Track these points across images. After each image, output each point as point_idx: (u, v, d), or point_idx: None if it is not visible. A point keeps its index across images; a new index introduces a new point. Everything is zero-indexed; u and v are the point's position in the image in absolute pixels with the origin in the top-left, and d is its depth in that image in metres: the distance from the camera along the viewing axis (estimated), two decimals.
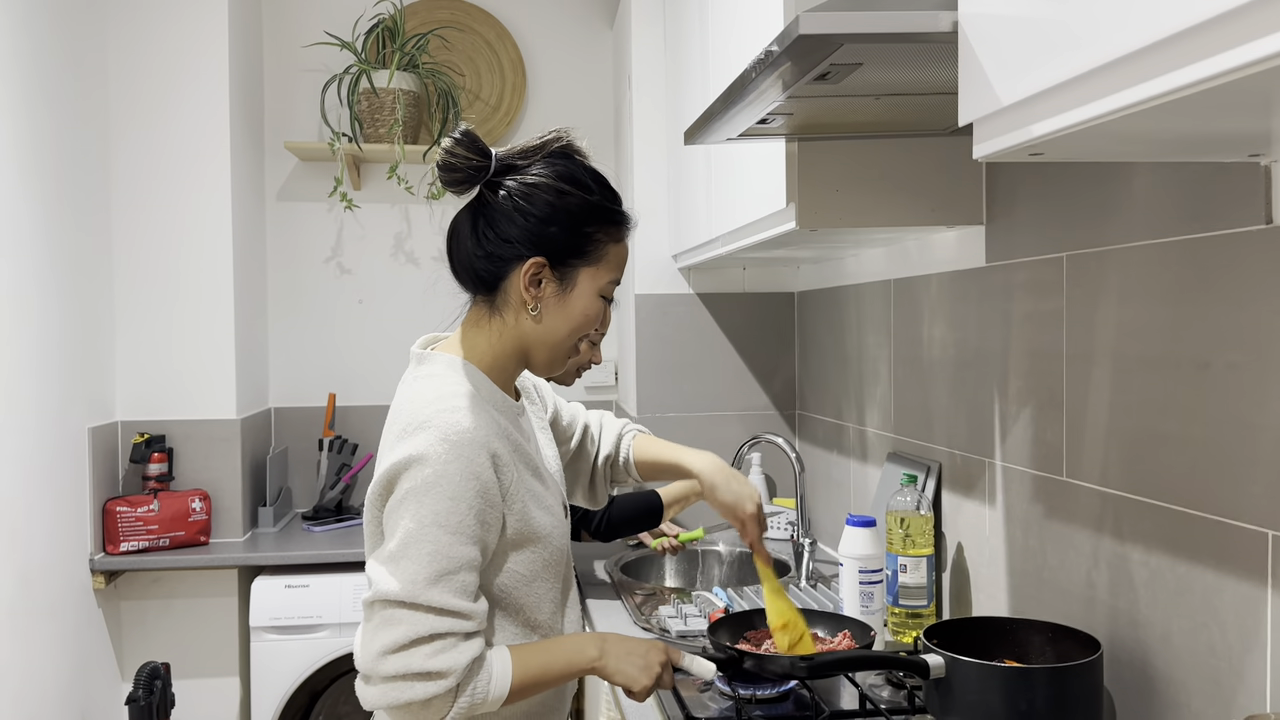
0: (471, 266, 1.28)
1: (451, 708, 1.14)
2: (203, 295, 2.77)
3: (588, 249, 1.27)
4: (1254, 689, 1.14)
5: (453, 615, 1.14)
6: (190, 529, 2.68)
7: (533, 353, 1.31)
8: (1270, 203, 1.11)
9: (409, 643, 1.12)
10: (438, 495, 1.15)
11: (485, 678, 1.17)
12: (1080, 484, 1.45)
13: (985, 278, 1.72)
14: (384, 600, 1.14)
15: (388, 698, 1.13)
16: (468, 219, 1.28)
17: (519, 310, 1.28)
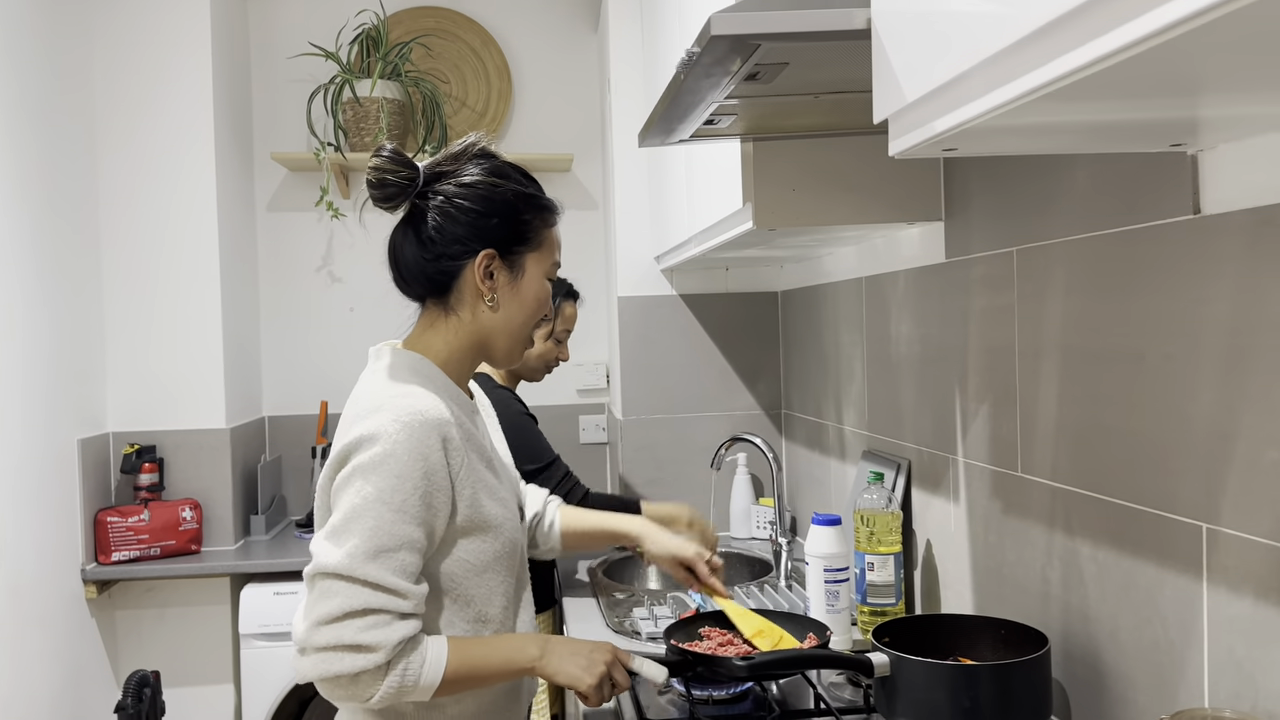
0: (422, 273, 1.30)
1: (380, 685, 1.14)
2: (191, 306, 2.80)
3: (529, 235, 1.32)
4: (1193, 684, 1.13)
5: (388, 592, 1.15)
6: (181, 538, 2.70)
7: (493, 343, 1.33)
8: (1198, 192, 1.10)
9: (342, 615, 1.13)
10: (384, 473, 1.17)
11: (419, 660, 1.17)
12: (1033, 479, 1.44)
13: (946, 273, 1.72)
14: (323, 572, 1.15)
15: (318, 669, 1.14)
16: (407, 231, 1.31)
17: (474, 305, 1.30)
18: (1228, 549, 1.06)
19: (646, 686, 1.56)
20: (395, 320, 1.38)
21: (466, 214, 1.27)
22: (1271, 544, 1.00)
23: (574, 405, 3.35)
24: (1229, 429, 1.06)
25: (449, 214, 1.27)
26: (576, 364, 3.30)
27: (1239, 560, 1.05)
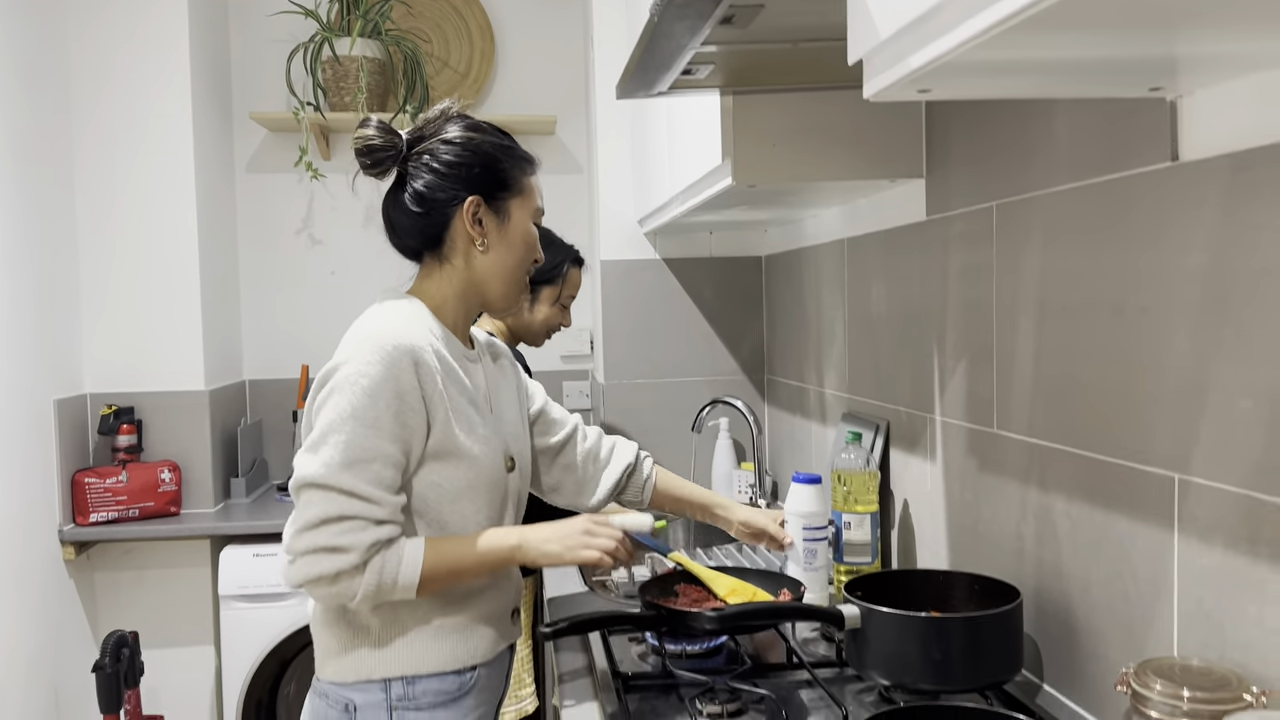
0: (415, 228, 1.38)
1: (359, 584, 1.21)
2: (168, 267, 2.77)
3: (509, 182, 1.39)
4: (1162, 634, 1.12)
5: (362, 500, 1.21)
6: (160, 500, 2.69)
7: (488, 288, 1.39)
8: (1176, 139, 1.08)
9: (319, 522, 1.20)
10: (358, 391, 1.23)
11: (395, 559, 1.23)
12: (1009, 435, 1.44)
13: (925, 231, 1.70)
14: (303, 483, 1.22)
15: (301, 572, 1.21)
16: (397, 194, 1.39)
17: (467, 251, 1.37)
18: (1199, 499, 1.06)
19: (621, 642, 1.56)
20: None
21: (450, 167, 1.36)
22: (1242, 492, 0.99)
23: (558, 371, 3.33)
24: (1202, 379, 1.05)
25: (434, 169, 1.36)
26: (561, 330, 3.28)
27: (1210, 510, 1.04)
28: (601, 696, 1.37)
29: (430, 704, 1.29)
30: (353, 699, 1.30)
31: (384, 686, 1.29)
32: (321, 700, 1.33)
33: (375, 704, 1.29)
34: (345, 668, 1.30)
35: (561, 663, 1.54)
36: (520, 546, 1.32)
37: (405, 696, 1.29)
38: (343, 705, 1.30)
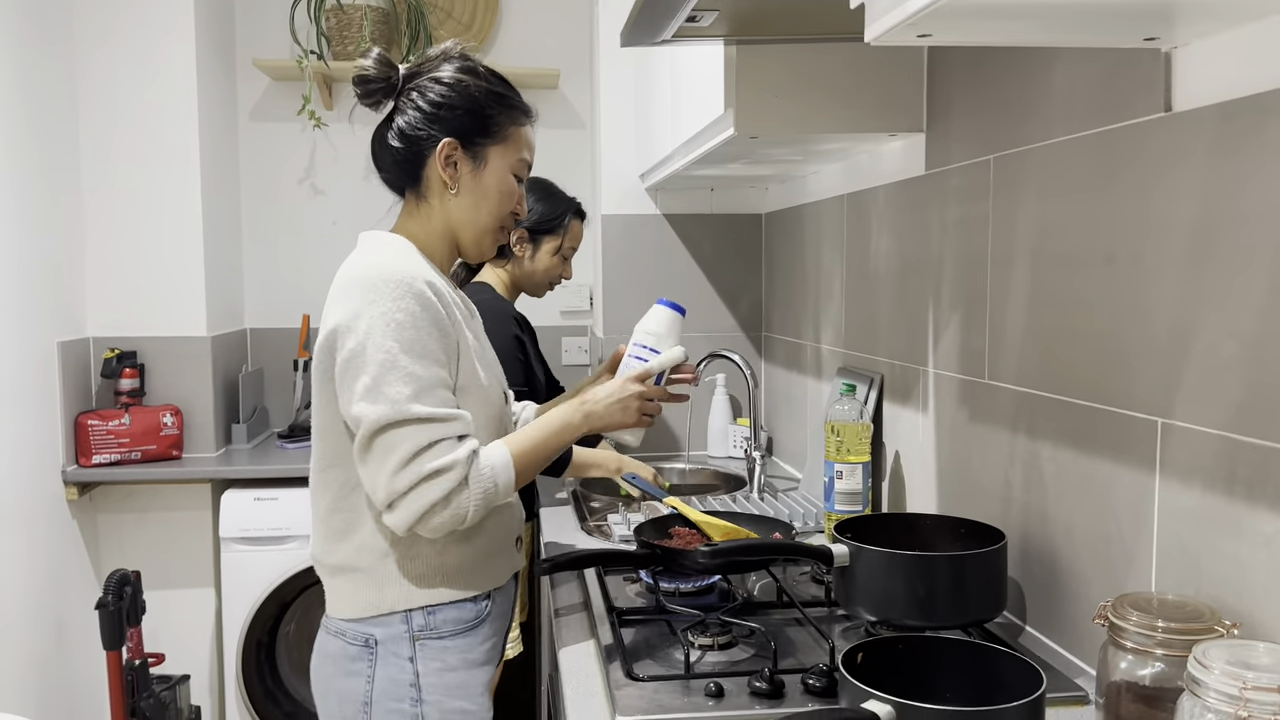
0: (394, 160, 1.39)
1: (470, 500, 1.23)
2: (171, 213, 2.78)
3: (492, 129, 1.38)
4: (1141, 572, 1.16)
5: (441, 421, 1.23)
6: (162, 443, 2.72)
7: (460, 234, 1.40)
8: (1170, 89, 1.10)
9: (413, 454, 1.21)
10: (397, 329, 1.23)
11: (488, 467, 1.26)
12: (999, 385, 1.47)
13: (924, 186, 1.72)
14: (376, 429, 1.21)
15: (411, 509, 1.21)
16: (386, 125, 1.40)
17: (441, 193, 1.38)
18: (1181, 442, 1.09)
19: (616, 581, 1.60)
20: None
21: (435, 106, 1.37)
22: (1222, 434, 1.03)
23: (558, 327, 3.36)
24: (1189, 325, 1.08)
25: (419, 107, 1.37)
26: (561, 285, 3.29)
27: (1190, 452, 1.07)
28: (598, 629, 1.41)
29: (451, 632, 1.33)
30: (373, 634, 1.31)
31: (405, 618, 1.31)
32: (336, 639, 1.34)
33: (397, 636, 1.31)
34: (364, 603, 1.32)
35: (558, 599, 1.58)
36: (587, 421, 1.37)
37: (426, 626, 1.32)
38: (363, 640, 1.32)
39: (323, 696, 1.38)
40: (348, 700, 1.33)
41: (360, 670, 1.32)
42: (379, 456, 1.22)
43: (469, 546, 1.34)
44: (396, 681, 1.31)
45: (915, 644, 1.13)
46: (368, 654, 1.32)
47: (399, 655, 1.31)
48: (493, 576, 1.38)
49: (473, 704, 1.34)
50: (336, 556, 1.33)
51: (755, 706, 1.15)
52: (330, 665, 1.35)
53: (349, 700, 1.33)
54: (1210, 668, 0.85)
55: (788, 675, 1.21)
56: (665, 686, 1.20)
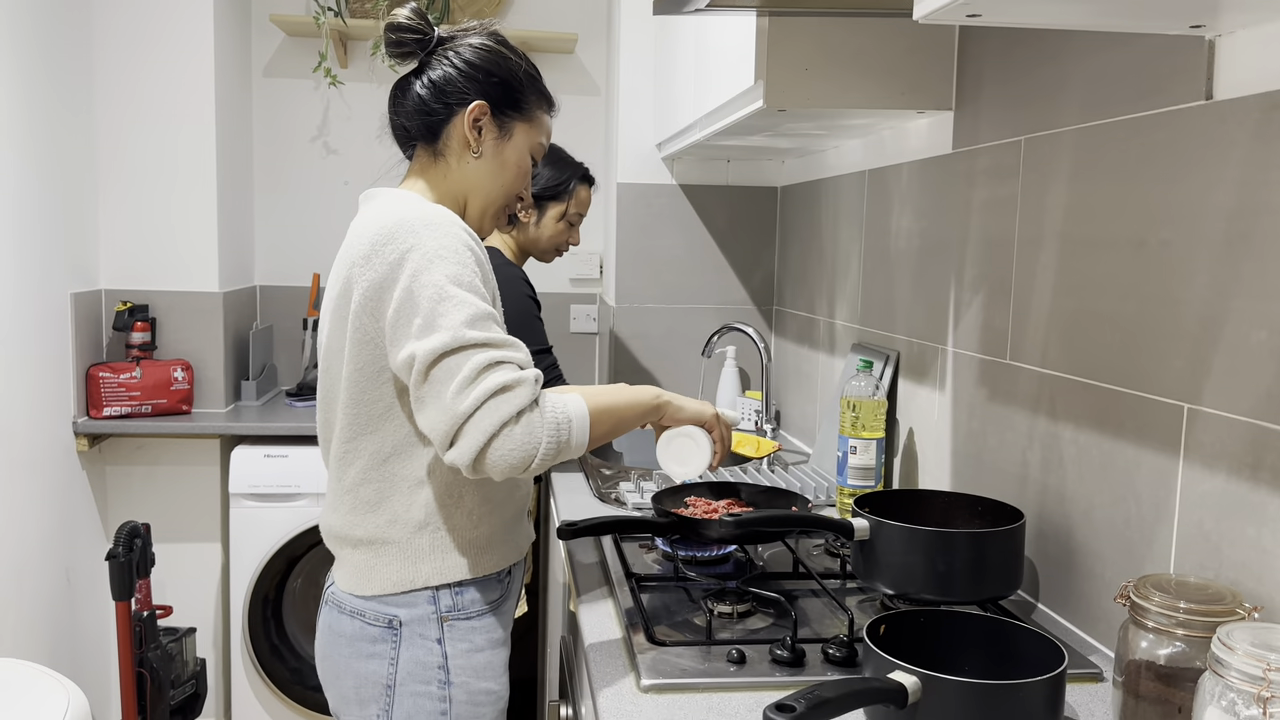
0: (418, 110, 1.35)
1: (543, 427, 1.14)
2: (185, 168, 2.77)
3: (523, 105, 1.38)
4: (1160, 555, 1.18)
5: (500, 346, 1.16)
6: (172, 397, 2.73)
7: (470, 199, 1.37)
8: (1211, 78, 1.11)
9: (475, 374, 1.12)
10: (443, 263, 1.18)
11: (560, 401, 1.18)
12: (1021, 366, 1.48)
13: (951, 165, 1.72)
14: (432, 359, 1.14)
15: (480, 431, 1.11)
16: (411, 77, 1.37)
17: (461, 153, 1.35)
18: (1206, 427, 1.10)
19: (633, 549, 1.61)
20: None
21: (471, 66, 1.35)
22: (1250, 421, 1.04)
23: (566, 294, 3.36)
24: (1219, 312, 1.09)
25: (455, 65, 1.35)
26: (571, 253, 3.29)
27: (1216, 438, 1.09)
28: (617, 593, 1.42)
29: (478, 612, 1.30)
30: (397, 614, 1.28)
31: (432, 598, 1.28)
32: (354, 620, 1.30)
33: (424, 617, 1.28)
34: (393, 579, 1.28)
35: (577, 565, 1.60)
36: (665, 398, 1.33)
37: (454, 606, 1.29)
38: (385, 621, 1.28)
39: (335, 678, 1.33)
40: (367, 683, 1.29)
41: (382, 652, 1.28)
42: (437, 388, 1.13)
43: (498, 515, 1.33)
44: (424, 664, 1.28)
45: (936, 617, 1.15)
46: (391, 635, 1.28)
47: (426, 637, 1.28)
48: (516, 548, 1.38)
49: (497, 684, 1.33)
50: (365, 529, 1.29)
51: (777, 674, 1.17)
52: (345, 646, 1.30)
53: (369, 683, 1.29)
54: (1234, 649, 0.87)
55: (808, 644, 1.23)
56: (687, 651, 1.22)
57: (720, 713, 1.08)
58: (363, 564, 1.30)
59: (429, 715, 1.28)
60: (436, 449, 1.16)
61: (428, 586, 1.28)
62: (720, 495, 1.68)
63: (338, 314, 1.27)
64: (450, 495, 1.29)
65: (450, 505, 1.29)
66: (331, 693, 1.35)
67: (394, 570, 1.28)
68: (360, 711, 1.30)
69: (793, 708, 0.89)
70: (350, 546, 1.31)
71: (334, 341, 1.29)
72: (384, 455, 1.27)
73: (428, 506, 1.28)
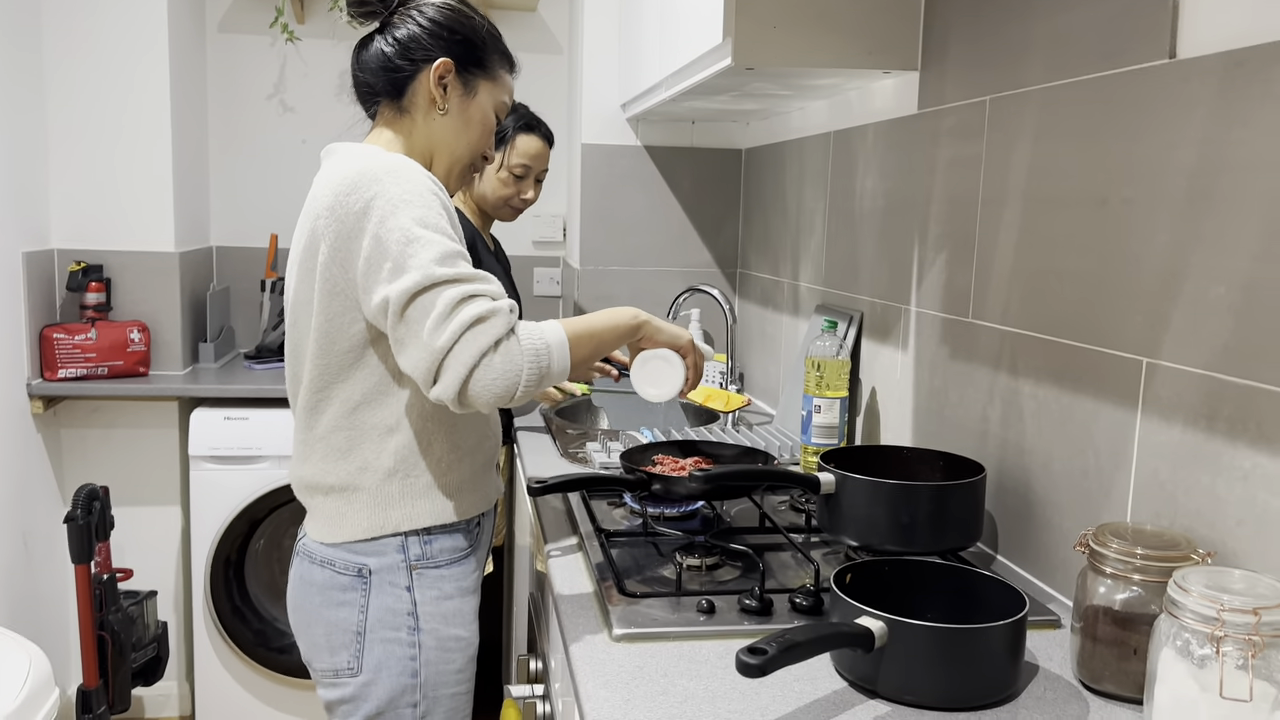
0: (383, 68, 1.35)
1: (522, 355, 1.15)
2: (139, 125, 2.71)
3: (487, 63, 1.39)
4: (1117, 505, 1.22)
5: (471, 280, 1.16)
6: (129, 359, 2.68)
7: (436, 157, 1.38)
8: (1175, 36, 1.12)
9: (449, 308, 1.13)
10: (408, 207, 1.18)
11: (536, 329, 1.19)
12: (983, 324, 1.51)
13: (916, 125, 1.74)
14: (406, 299, 1.14)
15: (461, 363, 1.12)
16: (375, 35, 1.37)
17: (427, 110, 1.36)
18: (1164, 380, 1.13)
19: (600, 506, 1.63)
20: None
21: (436, 24, 1.36)
22: (1206, 374, 1.07)
23: (529, 257, 3.35)
24: (1178, 268, 1.11)
25: (419, 24, 1.35)
26: (534, 214, 3.28)
27: (1174, 390, 1.12)
28: (587, 548, 1.44)
29: (447, 560, 1.32)
30: (366, 563, 1.29)
31: (401, 546, 1.30)
32: (323, 569, 1.31)
33: (393, 565, 1.29)
34: (363, 525, 1.29)
35: (546, 521, 1.61)
36: (642, 318, 1.32)
37: (423, 555, 1.30)
38: (355, 570, 1.30)
39: (307, 626, 1.34)
40: (337, 630, 1.30)
41: (353, 600, 1.30)
42: (413, 327, 1.14)
43: (467, 462, 1.34)
44: (393, 611, 1.30)
45: (900, 567, 1.17)
46: (360, 584, 1.29)
47: (395, 585, 1.30)
48: (485, 498, 1.40)
49: (466, 630, 1.35)
50: (336, 476, 1.30)
51: (746, 623, 1.19)
52: (317, 595, 1.31)
53: (339, 630, 1.30)
54: (1189, 591, 0.90)
55: (775, 595, 1.25)
56: (658, 603, 1.23)
57: (691, 660, 1.10)
58: (334, 511, 1.31)
59: (399, 661, 1.30)
60: (421, 388, 1.17)
61: (398, 532, 1.30)
62: (687, 454, 1.69)
63: (304, 267, 1.27)
64: (420, 442, 1.30)
65: (420, 452, 1.30)
66: (303, 641, 1.36)
67: (364, 516, 1.29)
68: (331, 659, 1.31)
69: (765, 650, 0.91)
70: (322, 494, 1.32)
71: (301, 294, 1.29)
72: (354, 403, 1.28)
73: (398, 454, 1.29)
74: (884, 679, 1.01)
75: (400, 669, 1.30)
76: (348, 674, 1.31)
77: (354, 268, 1.21)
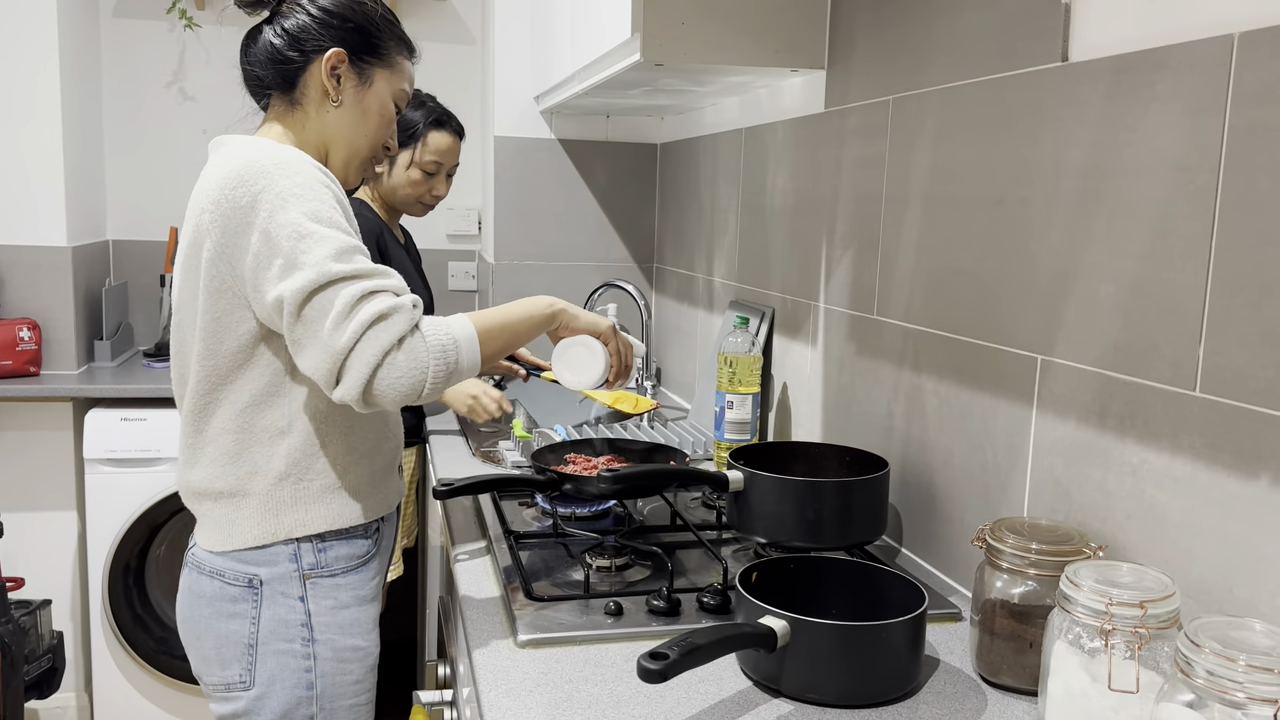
0: (271, 59, 1.30)
1: (428, 352, 1.11)
2: (27, 112, 2.58)
3: (381, 52, 1.33)
4: (1015, 499, 1.24)
5: (370, 275, 1.12)
6: (18, 359, 2.56)
7: (332, 150, 1.33)
8: (1067, 40, 1.15)
9: (348, 310, 1.09)
10: (298, 200, 1.14)
11: (442, 324, 1.15)
12: (888, 321, 1.53)
13: (822, 124, 1.75)
14: (301, 299, 1.10)
15: (364, 362, 1.08)
16: (264, 25, 1.32)
17: (320, 103, 1.30)
18: (1058, 378, 1.16)
19: (511, 506, 1.61)
20: None
21: (326, 14, 1.30)
22: (1096, 371, 1.10)
23: (443, 250, 3.30)
24: (1070, 267, 1.14)
25: (310, 12, 1.30)
26: (448, 207, 3.23)
27: (1066, 387, 1.15)
28: (495, 551, 1.42)
29: (343, 569, 1.28)
30: (257, 573, 1.24)
31: (294, 555, 1.25)
32: (213, 580, 1.26)
33: (285, 575, 1.25)
34: (253, 532, 1.24)
35: (455, 524, 1.59)
36: (557, 306, 1.29)
37: (317, 564, 1.26)
38: (245, 581, 1.25)
39: (196, 640, 1.28)
40: (228, 643, 1.26)
41: (243, 612, 1.25)
42: (312, 327, 1.10)
43: (364, 465, 1.30)
44: (286, 622, 1.25)
45: (805, 564, 1.18)
46: (251, 594, 1.25)
47: (288, 595, 1.25)
48: (384, 501, 1.36)
49: (365, 640, 1.31)
50: (224, 481, 1.25)
51: (653, 624, 1.18)
52: (206, 607, 1.26)
53: (229, 643, 1.26)
54: (1080, 585, 0.92)
55: (684, 594, 1.25)
56: (565, 606, 1.22)
57: (597, 664, 1.09)
58: (223, 518, 1.26)
59: (293, 673, 1.25)
60: (323, 389, 1.13)
61: (290, 539, 1.25)
62: (599, 452, 1.68)
63: (188, 264, 1.22)
64: (313, 445, 1.25)
65: (313, 456, 1.25)
66: (193, 654, 1.31)
67: (254, 523, 1.24)
68: (222, 672, 1.27)
69: (666, 655, 0.90)
70: (210, 500, 1.27)
71: (186, 293, 1.23)
72: (243, 405, 1.23)
73: (289, 457, 1.24)
74: (787, 678, 1.02)
75: (294, 681, 1.26)
76: (240, 687, 1.26)
77: (242, 264, 1.16)
